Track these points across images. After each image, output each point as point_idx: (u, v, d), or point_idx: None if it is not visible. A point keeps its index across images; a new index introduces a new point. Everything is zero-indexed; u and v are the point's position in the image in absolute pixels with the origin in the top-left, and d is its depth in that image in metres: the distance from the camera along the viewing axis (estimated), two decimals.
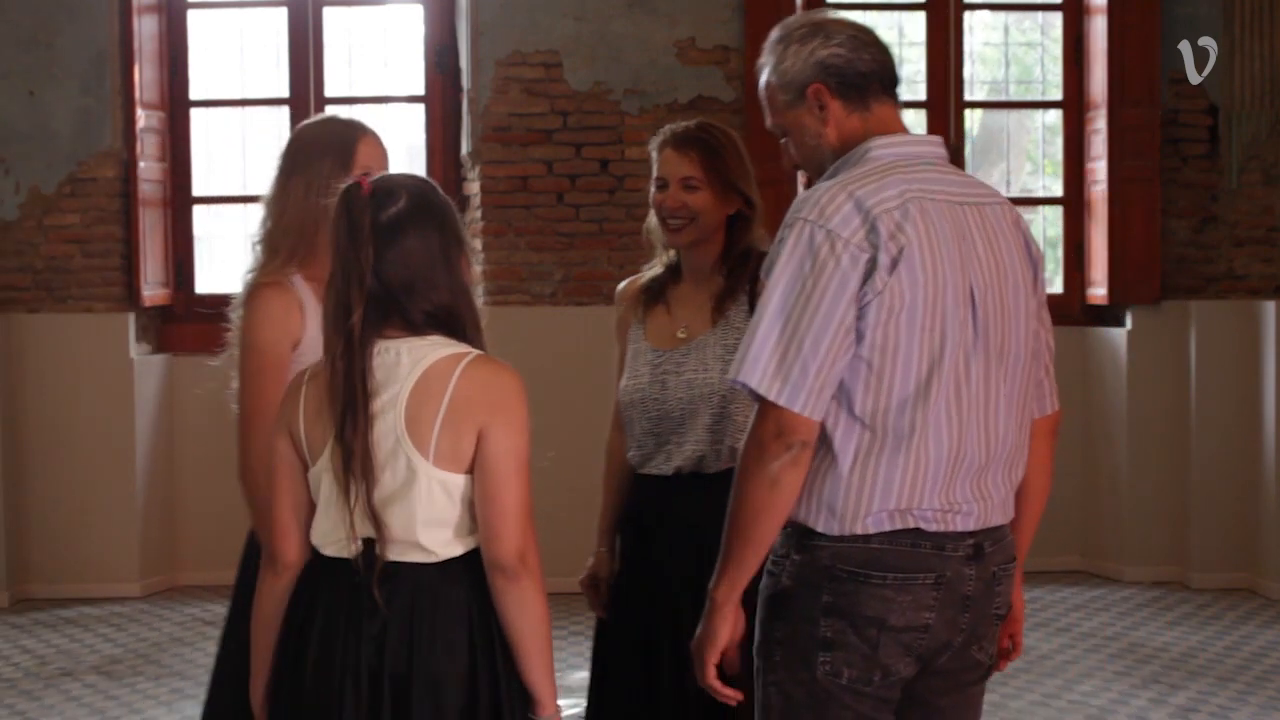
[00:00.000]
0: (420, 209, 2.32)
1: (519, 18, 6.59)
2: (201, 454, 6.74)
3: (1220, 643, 5.71)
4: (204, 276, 6.99)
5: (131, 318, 6.63)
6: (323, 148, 2.94)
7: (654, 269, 3.17)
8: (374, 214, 2.29)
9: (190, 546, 6.80)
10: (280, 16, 6.90)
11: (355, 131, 2.97)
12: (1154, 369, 6.67)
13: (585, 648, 5.36)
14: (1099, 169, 6.78)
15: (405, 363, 2.29)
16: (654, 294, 3.13)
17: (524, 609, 2.30)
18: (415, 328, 2.32)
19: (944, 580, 2.32)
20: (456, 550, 2.31)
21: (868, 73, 2.43)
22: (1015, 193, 7.56)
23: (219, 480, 6.67)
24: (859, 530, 2.29)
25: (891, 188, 2.31)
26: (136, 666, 5.50)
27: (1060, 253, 7.12)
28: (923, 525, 2.31)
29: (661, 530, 3.02)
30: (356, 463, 2.27)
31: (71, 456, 6.55)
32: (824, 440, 2.31)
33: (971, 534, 2.35)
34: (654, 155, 3.09)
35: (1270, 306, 6.41)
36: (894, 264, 2.25)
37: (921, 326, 2.27)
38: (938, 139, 2.48)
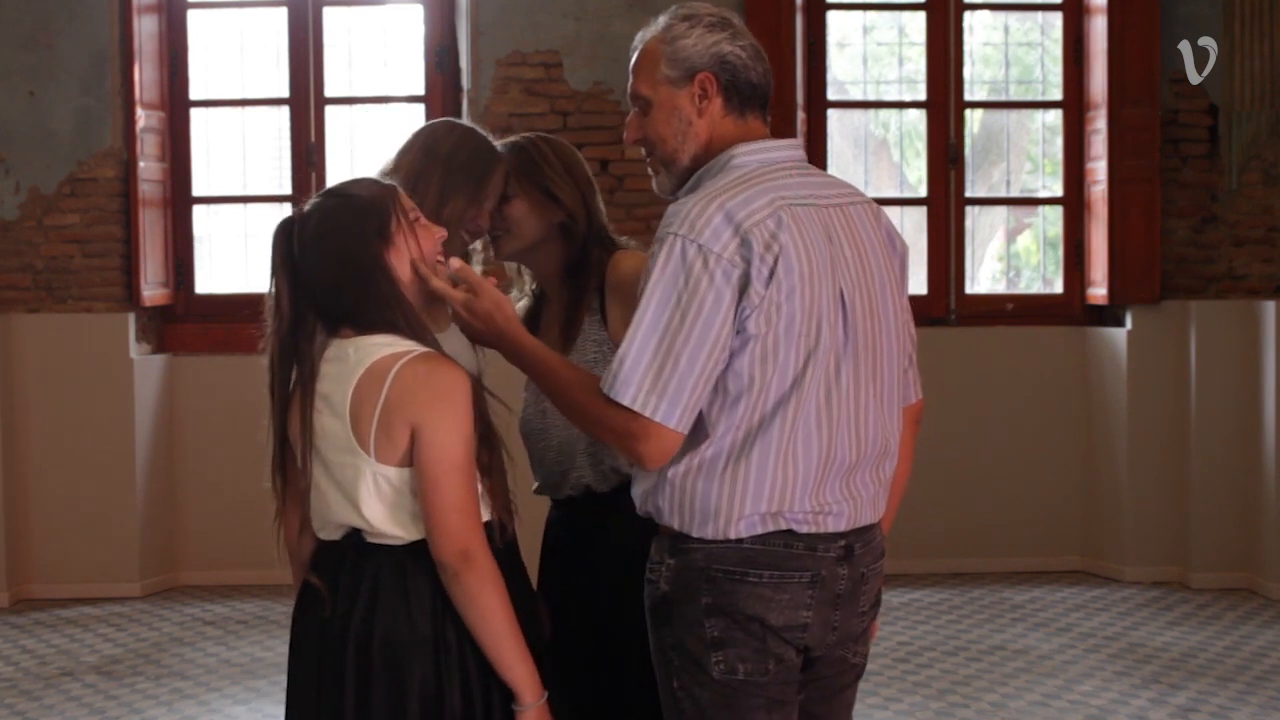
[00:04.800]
0: (323, 228, 2.42)
1: (519, 18, 6.59)
2: (201, 454, 6.74)
3: (1220, 643, 5.71)
4: (204, 276, 6.99)
5: (131, 318, 6.62)
6: (469, 164, 2.90)
7: (520, 301, 3.10)
8: (293, 241, 2.44)
9: (190, 546, 6.80)
10: (280, 16, 6.91)
11: (498, 162, 2.95)
12: (1154, 369, 6.67)
13: None
14: (1099, 169, 6.78)
15: (353, 360, 2.38)
16: (531, 321, 3.06)
17: (472, 605, 2.34)
18: (363, 328, 2.40)
19: (819, 579, 2.35)
20: (419, 534, 2.38)
21: (756, 84, 2.44)
22: (1015, 193, 7.57)
23: (219, 480, 6.70)
24: (732, 535, 2.31)
25: (761, 197, 2.31)
26: (136, 666, 5.50)
27: (1060, 253, 7.12)
28: (794, 527, 2.33)
29: (557, 552, 3.03)
30: (299, 456, 2.43)
31: (71, 456, 6.55)
32: (696, 445, 2.32)
33: (842, 535, 2.37)
34: None
35: (1270, 306, 6.41)
36: (771, 275, 2.26)
37: (799, 333, 2.29)
38: (797, 142, 2.48)
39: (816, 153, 6.87)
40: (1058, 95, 7.08)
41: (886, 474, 2.45)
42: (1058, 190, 7.13)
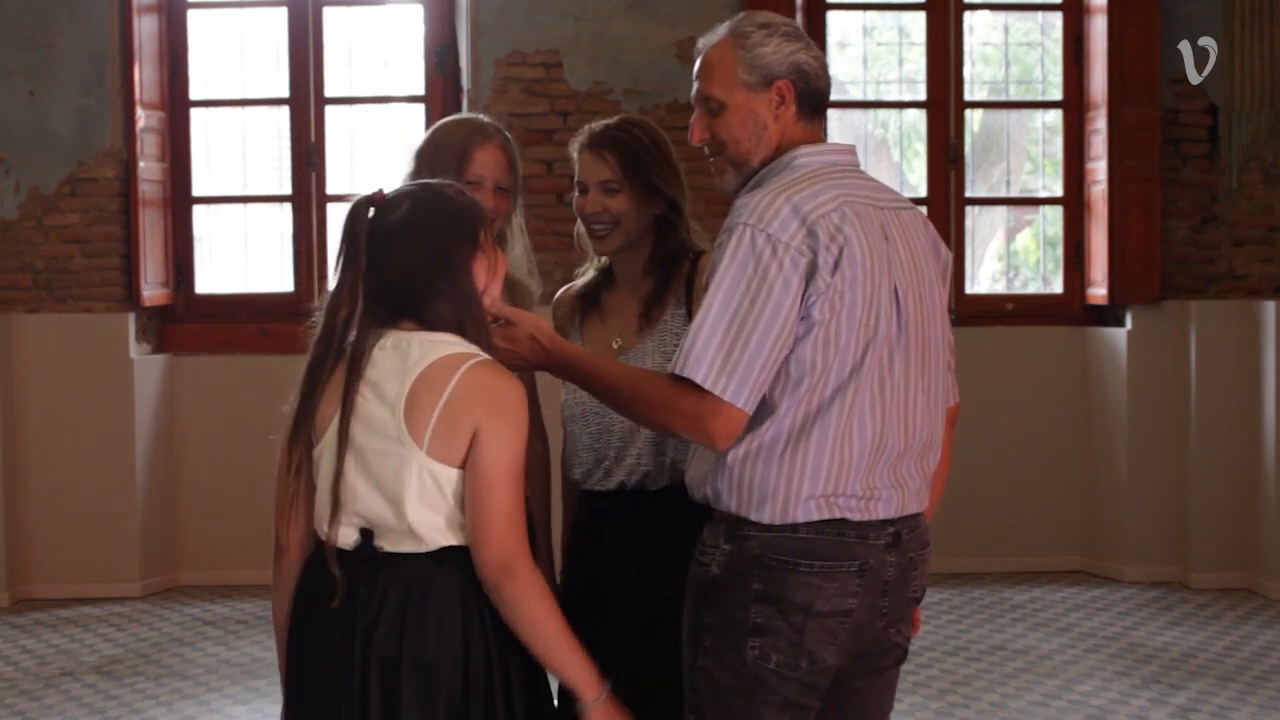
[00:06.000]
0: (416, 218, 2.40)
1: (519, 18, 6.59)
2: (201, 454, 6.74)
3: (1220, 643, 5.71)
4: (204, 276, 6.99)
5: (131, 318, 6.62)
6: (442, 152, 3.01)
7: (587, 274, 3.08)
8: (375, 223, 2.41)
9: (190, 546, 6.80)
10: (280, 16, 6.91)
11: (477, 137, 3.02)
12: (1154, 369, 6.67)
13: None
14: (1099, 169, 6.78)
15: (416, 353, 2.36)
16: (589, 301, 3.04)
17: (518, 612, 2.33)
18: (429, 324, 2.39)
19: (867, 567, 2.43)
20: (449, 539, 2.35)
21: (824, 92, 2.56)
22: (1015, 193, 7.56)
23: (219, 480, 6.71)
24: (789, 519, 2.39)
25: (826, 193, 2.41)
26: (136, 666, 5.50)
27: (1060, 253, 7.12)
28: (848, 515, 2.41)
29: (603, 548, 2.94)
30: (328, 447, 2.38)
31: (71, 456, 6.55)
32: (755, 428, 2.39)
33: (891, 522, 2.46)
34: (574, 157, 2.98)
35: (1270, 306, 6.41)
36: (836, 265, 2.36)
37: (859, 322, 2.39)
38: (851, 147, 2.60)
39: None
40: (1058, 95, 7.08)
41: (930, 466, 2.55)
42: (1058, 190, 7.13)
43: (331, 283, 2.45)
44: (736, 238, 2.36)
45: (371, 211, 2.42)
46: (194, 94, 6.94)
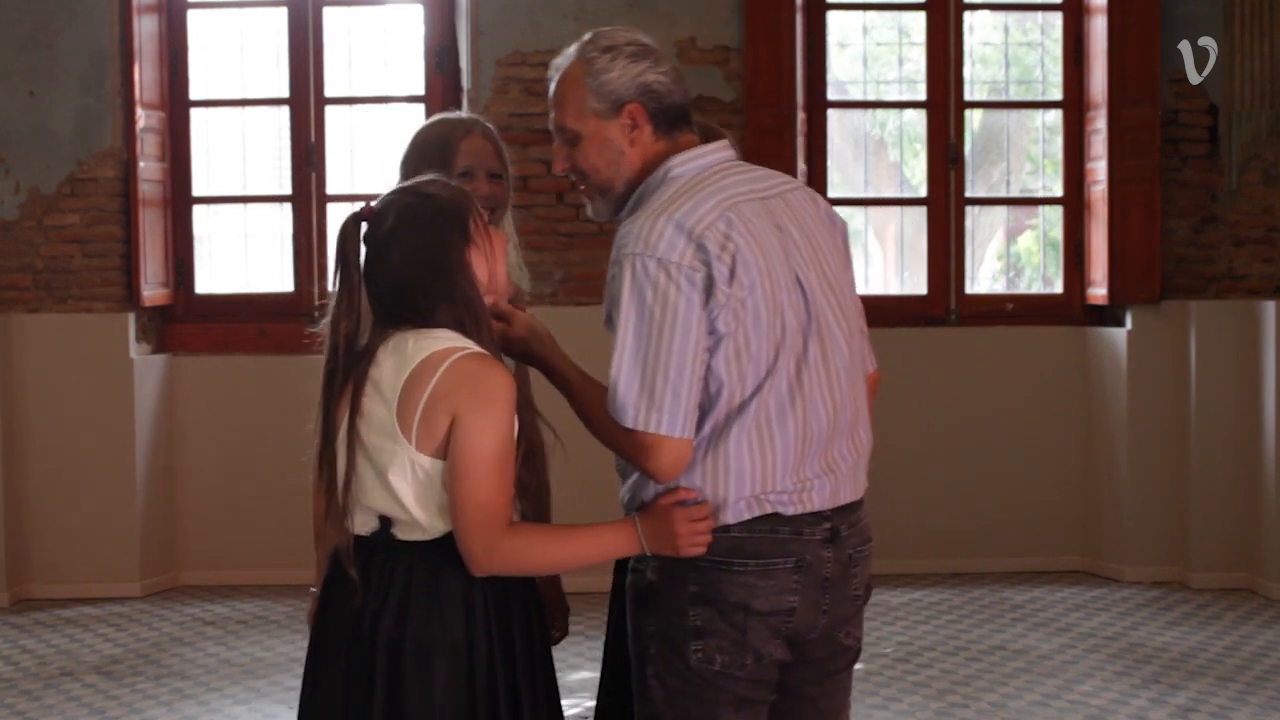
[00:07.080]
0: (404, 226, 2.43)
1: (519, 18, 6.59)
2: (201, 454, 6.74)
3: (1220, 643, 5.71)
4: (204, 276, 6.99)
5: (131, 318, 6.62)
6: (427, 152, 3.07)
7: None
8: (366, 239, 2.46)
9: (190, 546, 6.80)
10: (280, 16, 6.91)
11: (458, 130, 3.09)
12: (1154, 369, 6.67)
13: (586, 647, 5.37)
14: (1099, 169, 6.78)
15: (410, 351, 2.39)
16: None
17: (523, 572, 2.44)
18: (428, 323, 2.42)
19: (804, 564, 2.40)
20: (450, 527, 2.39)
21: (681, 105, 2.52)
22: (1015, 193, 7.56)
23: (219, 480, 6.70)
24: (720, 521, 2.37)
25: (706, 202, 2.39)
26: (136, 666, 5.50)
27: (1060, 253, 7.12)
28: (780, 510, 2.38)
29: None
30: (341, 445, 2.44)
31: (71, 457, 6.55)
32: None
33: (827, 516, 2.43)
34: None
35: (1270, 306, 6.41)
36: (732, 274, 2.34)
37: (766, 325, 2.36)
38: (726, 143, 2.57)
39: (816, 152, 6.87)
40: (1058, 95, 7.08)
41: (861, 440, 2.51)
42: (1058, 190, 7.12)
43: (332, 294, 2.51)
44: (629, 269, 2.34)
45: (364, 227, 2.45)
46: (194, 94, 6.94)
